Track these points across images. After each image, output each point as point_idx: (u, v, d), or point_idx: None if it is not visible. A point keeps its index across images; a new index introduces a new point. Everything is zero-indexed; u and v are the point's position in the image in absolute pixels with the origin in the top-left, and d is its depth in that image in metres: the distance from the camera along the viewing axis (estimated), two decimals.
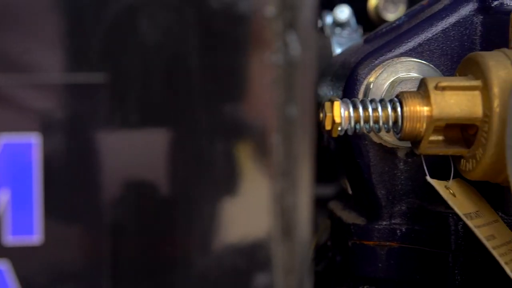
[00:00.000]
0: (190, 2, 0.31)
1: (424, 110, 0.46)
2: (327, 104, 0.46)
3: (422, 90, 0.47)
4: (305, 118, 0.32)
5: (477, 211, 0.49)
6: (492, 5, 0.53)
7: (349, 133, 0.47)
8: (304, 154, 0.32)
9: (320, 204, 0.66)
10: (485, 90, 0.45)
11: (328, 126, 0.46)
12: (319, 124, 0.47)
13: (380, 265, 0.56)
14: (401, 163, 0.55)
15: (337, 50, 0.71)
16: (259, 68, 0.31)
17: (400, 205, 0.55)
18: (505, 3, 0.52)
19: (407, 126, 0.46)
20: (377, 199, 0.55)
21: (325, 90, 0.60)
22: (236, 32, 0.31)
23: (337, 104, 0.46)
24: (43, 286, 0.32)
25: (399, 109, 0.46)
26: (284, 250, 0.32)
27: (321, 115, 0.46)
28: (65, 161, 0.31)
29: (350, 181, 0.59)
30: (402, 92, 0.47)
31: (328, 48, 0.71)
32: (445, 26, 0.54)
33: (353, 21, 0.74)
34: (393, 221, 0.55)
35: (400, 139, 0.47)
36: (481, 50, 0.53)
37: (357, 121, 0.46)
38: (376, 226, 0.56)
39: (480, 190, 0.52)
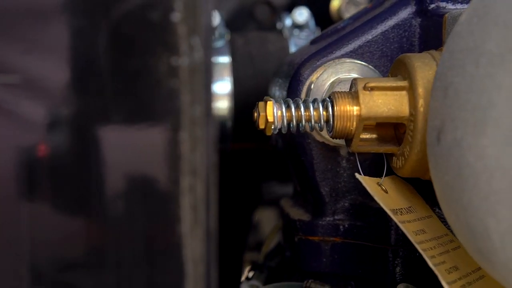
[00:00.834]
0: (101, 8, 0.33)
1: (354, 109, 0.47)
2: (261, 104, 0.48)
3: (352, 90, 0.48)
4: (208, 118, 0.33)
5: (410, 207, 0.51)
6: (429, 8, 0.54)
7: (283, 131, 0.49)
8: (209, 152, 0.34)
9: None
10: (411, 90, 0.47)
11: (261, 125, 0.48)
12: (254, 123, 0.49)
13: (324, 260, 0.58)
14: (344, 161, 0.56)
15: None
16: (166, 70, 0.33)
17: (343, 202, 0.57)
18: (440, 6, 0.54)
19: (338, 124, 0.48)
20: (321, 196, 0.57)
21: (273, 90, 0.61)
22: (145, 36, 0.33)
23: (270, 104, 0.48)
24: None
25: (330, 108, 0.48)
26: (193, 242, 0.34)
27: (255, 114, 0.48)
28: None
29: (297, 178, 0.60)
30: (333, 92, 0.48)
31: (285, 49, 0.73)
32: (385, 29, 0.55)
33: (311, 23, 0.75)
34: (336, 217, 0.57)
35: (332, 137, 0.49)
36: (420, 51, 0.55)
37: (290, 120, 0.48)
38: (320, 222, 0.57)
39: (420, 186, 0.54)
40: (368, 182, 0.49)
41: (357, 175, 0.49)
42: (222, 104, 0.70)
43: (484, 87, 0.38)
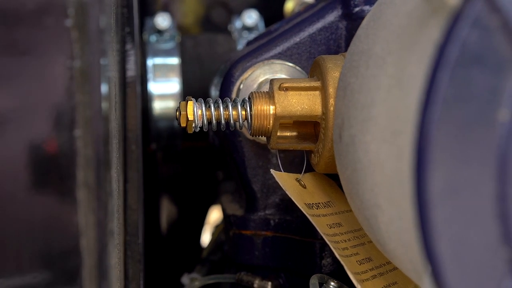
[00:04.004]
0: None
1: (270, 108, 0.50)
2: (182, 103, 0.50)
3: (270, 90, 0.51)
4: (100, 116, 0.36)
5: (328, 201, 0.53)
6: (353, 11, 0.57)
7: (204, 129, 0.51)
8: (99, 148, 0.36)
9: None
10: (323, 90, 0.49)
11: (183, 124, 0.50)
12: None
13: (256, 253, 0.60)
14: (274, 158, 0.59)
15: None
16: (62, 72, 0.36)
17: (273, 197, 0.59)
18: (364, 9, 0.57)
19: (256, 123, 0.50)
20: (252, 192, 0.59)
21: (211, 89, 0.64)
22: (41, 40, 0.36)
23: (190, 103, 0.50)
24: None
25: (248, 108, 0.51)
26: (88, 231, 0.37)
27: (177, 113, 0.50)
28: None
29: (232, 175, 0.63)
30: (252, 92, 0.51)
31: (234, 51, 0.75)
32: (312, 31, 0.58)
33: (261, 25, 0.78)
34: (267, 212, 0.60)
35: (252, 135, 0.51)
36: None
37: (210, 119, 0.51)
38: (252, 217, 0.60)
39: None
40: (284, 178, 0.51)
41: (271, 170, 0.52)
42: (171, 104, 0.72)
43: (369, 87, 0.40)
